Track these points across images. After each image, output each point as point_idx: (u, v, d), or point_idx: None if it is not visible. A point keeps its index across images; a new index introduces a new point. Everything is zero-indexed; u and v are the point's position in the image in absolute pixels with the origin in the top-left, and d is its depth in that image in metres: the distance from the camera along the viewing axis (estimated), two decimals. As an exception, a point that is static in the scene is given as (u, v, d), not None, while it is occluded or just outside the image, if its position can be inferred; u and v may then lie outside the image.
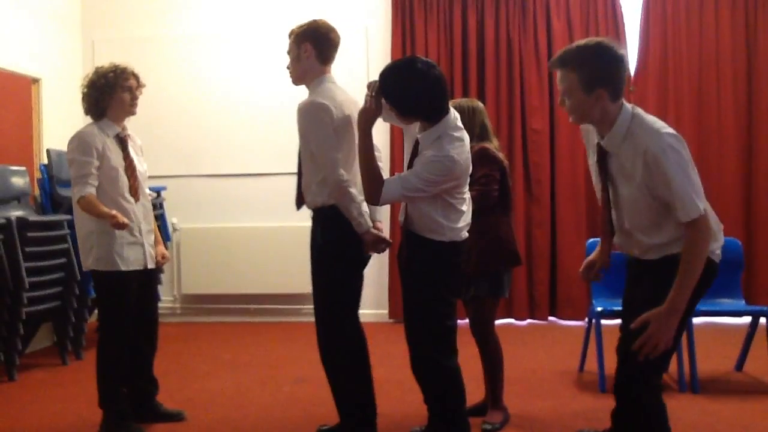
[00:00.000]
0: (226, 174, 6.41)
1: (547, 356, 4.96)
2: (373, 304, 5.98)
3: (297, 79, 3.29)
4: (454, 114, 2.93)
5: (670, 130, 2.46)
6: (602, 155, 2.65)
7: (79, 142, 3.47)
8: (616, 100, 2.50)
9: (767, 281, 5.96)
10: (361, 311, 3.41)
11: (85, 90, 3.61)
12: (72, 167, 3.46)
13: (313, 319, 3.38)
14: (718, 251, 2.59)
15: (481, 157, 3.48)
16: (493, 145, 3.66)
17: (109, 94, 3.58)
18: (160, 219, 5.99)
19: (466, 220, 3.01)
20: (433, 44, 6.20)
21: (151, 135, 6.38)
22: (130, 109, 3.68)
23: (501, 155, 3.65)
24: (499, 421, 3.55)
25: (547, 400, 3.93)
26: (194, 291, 6.37)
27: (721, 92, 6.06)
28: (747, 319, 4.41)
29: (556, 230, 6.14)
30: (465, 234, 3.00)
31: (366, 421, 3.24)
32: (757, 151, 6.02)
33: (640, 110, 2.55)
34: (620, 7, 6.13)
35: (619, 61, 2.51)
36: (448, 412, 3.05)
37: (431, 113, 2.87)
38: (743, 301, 4.47)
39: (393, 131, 6.02)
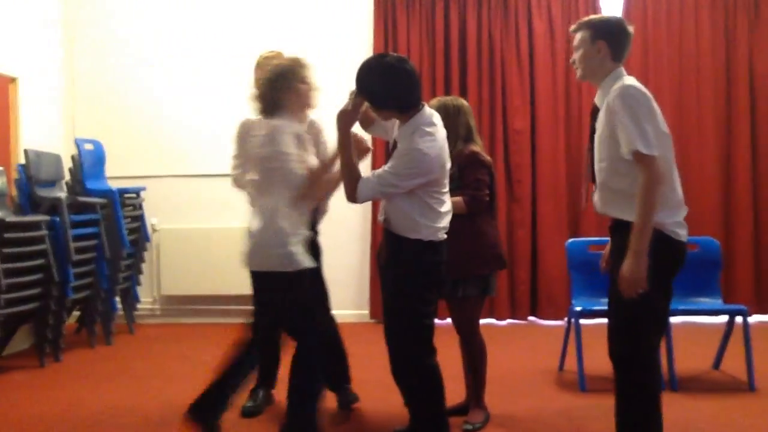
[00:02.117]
0: (207, 174, 6.36)
1: (528, 356, 4.98)
2: (354, 304, 5.98)
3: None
4: (429, 111, 2.99)
5: (637, 85, 2.71)
6: (593, 113, 2.84)
7: None
8: (616, 61, 2.79)
9: (745, 280, 6.04)
10: (341, 311, 3.41)
11: None
12: None
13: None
14: (680, 231, 2.71)
15: (472, 161, 3.53)
16: (479, 146, 3.68)
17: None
18: (139, 220, 5.96)
19: (445, 221, 3.02)
20: (415, 44, 6.21)
21: (131, 134, 6.39)
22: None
23: (488, 158, 3.67)
24: (480, 421, 3.55)
25: (527, 399, 3.95)
26: (174, 292, 6.33)
27: (700, 93, 6.12)
28: (725, 318, 4.45)
29: (537, 230, 6.17)
30: (443, 235, 3.01)
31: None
32: (736, 151, 6.09)
33: (633, 78, 2.77)
34: (600, 9, 6.17)
35: (625, 29, 2.82)
36: (428, 411, 3.05)
37: (403, 104, 2.94)
38: (721, 300, 4.51)
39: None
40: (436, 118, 3.00)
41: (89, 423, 3.72)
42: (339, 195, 3.89)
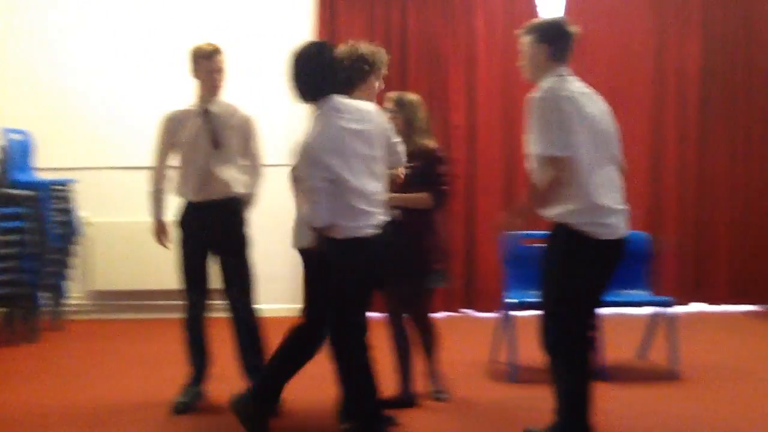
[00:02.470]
0: (140, 166, 6.19)
1: (462, 348, 5.03)
2: (287, 298, 5.93)
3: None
4: (337, 100, 3.02)
5: (553, 87, 2.91)
6: None
7: None
8: (558, 61, 3.00)
9: (671, 273, 6.25)
10: (274, 306, 3.42)
11: None
12: None
13: (223, 314, 3.44)
14: (599, 230, 2.88)
15: (435, 157, 3.73)
16: (434, 140, 3.86)
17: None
18: (69, 213, 5.79)
19: (368, 217, 2.99)
20: (355, 38, 6.18)
21: (62, 125, 6.20)
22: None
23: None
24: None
25: (460, 390, 3.99)
26: (107, 287, 6.16)
27: (633, 92, 6.31)
28: (652, 310, 4.59)
29: (473, 224, 6.25)
30: (369, 231, 3.00)
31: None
32: (665, 149, 6.30)
33: (569, 78, 3.00)
34: (536, 5, 6.26)
35: (566, 30, 3.07)
36: (361, 405, 3.07)
37: (303, 92, 3.06)
38: (649, 292, 4.64)
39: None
40: (341, 105, 3.02)
41: (11, 424, 3.60)
42: (271, 188, 3.89)
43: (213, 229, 3.72)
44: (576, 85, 3.00)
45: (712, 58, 6.32)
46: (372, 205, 3.01)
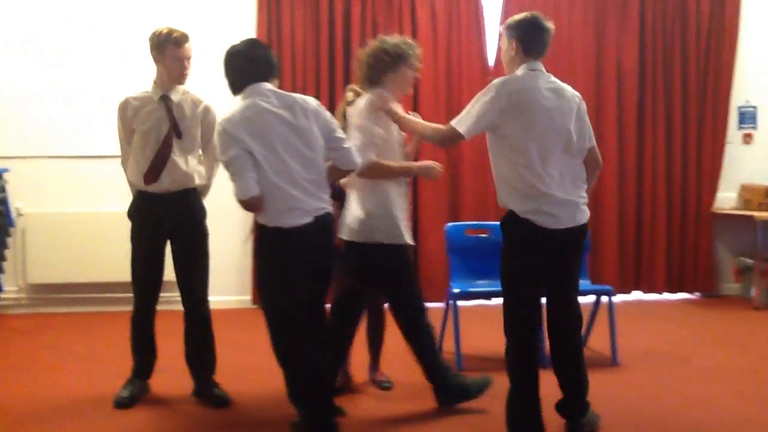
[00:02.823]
0: (77, 155, 6.06)
1: (408, 338, 5.06)
2: (236, 290, 5.89)
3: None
4: (265, 87, 3.03)
5: (506, 79, 3.09)
6: None
7: None
8: (528, 55, 3.13)
9: (610, 263, 6.41)
10: (222, 298, 3.39)
11: None
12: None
13: (172, 307, 3.38)
14: (538, 218, 3.02)
15: None
16: None
17: None
18: (3, 204, 5.60)
19: (300, 205, 2.97)
20: (299, 31, 6.13)
21: (-7, 112, 5.99)
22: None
23: None
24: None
25: (407, 379, 4.02)
26: (42, 280, 5.98)
27: (571, 81, 6.36)
28: (592, 298, 4.69)
29: (418, 215, 6.28)
30: (302, 220, 2.96)
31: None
32: (604, 141, 6.41)
33: (539, 73, 3.13)
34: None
35: (531, 25, 3.17)
36: (304, 402, 3.05)
37: (231, 85, 3.12)
38: (589, 282, 4.74)
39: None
40: (277, 92, 3.04)
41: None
42: (220, 180, 3.80)
43: (170, 221, 3.61)
44: (542, 81, 3.10)
45: (650, 51, 6.47)
46: (300, 190, 2.97)
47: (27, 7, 6.03)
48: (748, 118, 6.72)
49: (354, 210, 3.42)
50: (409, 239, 3.51)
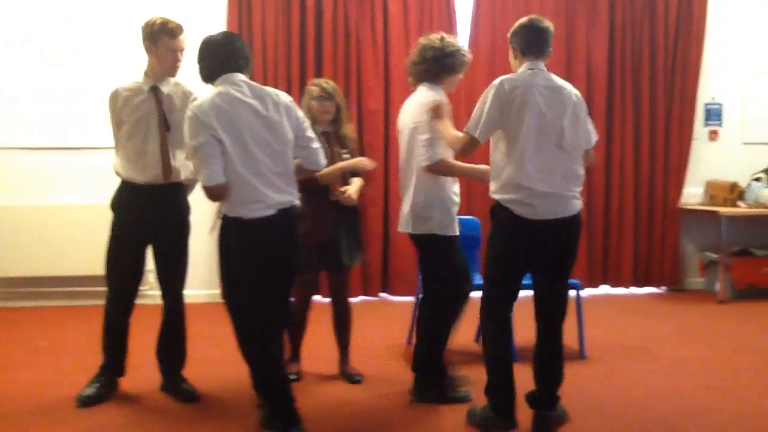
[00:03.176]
0: (46, 147, 5.97)
1: (378, 331, 5.09)
2: (206, 284, 5.84)
3: None
4: (238, 77, 3.02)
5: (502, 79, 3.22)
6: None
7: None
8: (526, 56, 3.29)
9: (579, 256, 6.41)
10: (193, 292, 3.37)
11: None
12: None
13: (142, 300, 3.35)
14: (517, 207, 3.16)
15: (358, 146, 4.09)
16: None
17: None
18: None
19: (264, 198, 2.95)
20: (270, 24, 6.09)
21: (-43, 103, 5.87)
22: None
23: None
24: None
25: (376, 373, 4.04)
26: (10, 274, 5.88)
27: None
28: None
29: (389, 208, 6.29)
30: (265, 213, 2.95)
31: None
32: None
33: (538, 72, 3.26)
34: (454, -9, 6.35)
35: (525, 29, 3.32)
36: (266, 391, 3.05)
37: (204, 73, 3.11)
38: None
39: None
40: (250, 84, 3.04)
41: None
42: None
43: (155, 215, 3.54)
44: (540, 79, 3.23)
45: (619, 48, 6.54)
46: (265, 182, 2.95)
47: (-8, -5, 5.93)
48: (713, 115, 6.84)
49: (411, 202, 3.58)
50: (458, 231, 3.64)
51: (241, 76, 3.04)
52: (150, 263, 3.66)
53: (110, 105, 3.57)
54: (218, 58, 3.05)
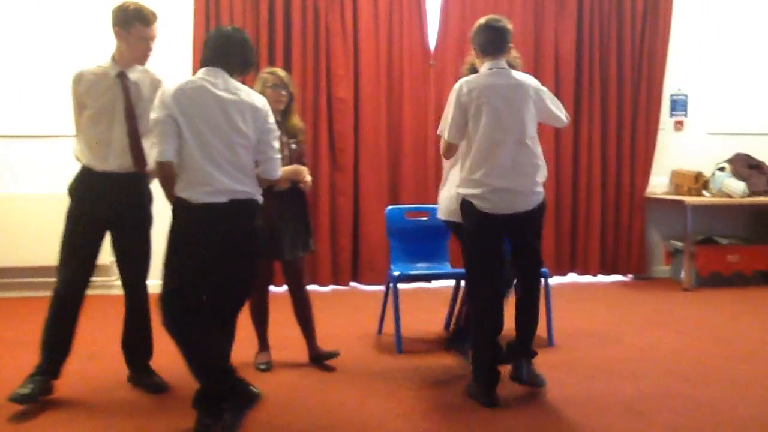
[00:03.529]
0: (6, 135, 5.85)
1: (349, 320, 5.08)
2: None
3: None
4: (214, 71, 3.04)
5: (462, 81, 3.45)
6: None
7: None
8: (485, 56, 3.49)
9: (546, 246, 6.49)
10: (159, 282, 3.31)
11: None
12: None
13: (104, 291, 3.28)
14: (482, 204, 3.40)
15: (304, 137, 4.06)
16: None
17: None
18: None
19: (215, 183, 2.94)
20: (238, 11, 6.01)
21: None
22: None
23: None
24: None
25: (347, 362, 4.03)
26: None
27: (511, 69, 6.46)
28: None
29: (359, 198, 6.28)
30: (213, 199, 2.94)
31: None
32: (542, 129, 6.47)
33: (497, 71, 3.46)
34: (422, -17, 6.33)
35: (482, 29, 3.50)
36: (199, 380, 3.00)
37: (203, 58, 3.14)
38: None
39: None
40: (226, 80, 3.04)
41: None
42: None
43: (115, 204, 3.44)
44: (501, 78, 3.44)
45: (587, 39, 6.58)
46: (218, 169, 2.94)
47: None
48: (679, 105, 6.93)
49: (450, 190, 3.79)
50: None
51: (218, 71, 3.03)
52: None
53: (73, 87, 3.44)
54: (211, 51, 3.08)
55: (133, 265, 3.56)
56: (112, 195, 3.43)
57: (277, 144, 3.16)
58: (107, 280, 5.43)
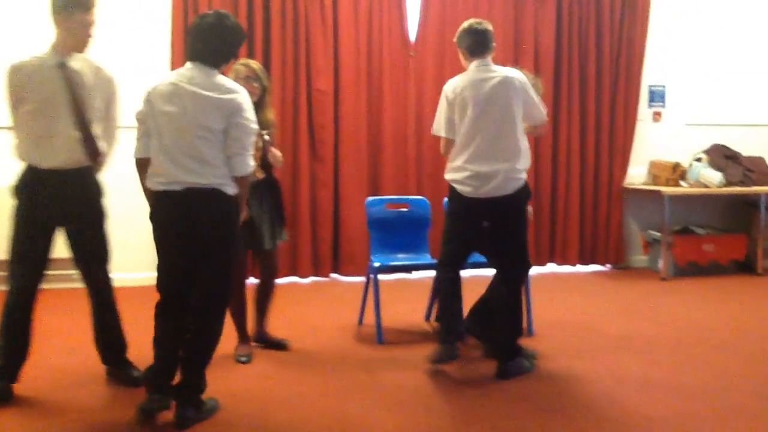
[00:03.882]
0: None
1: (330, 312, 5.08)
2: (145, 265, 5.71)
3: None
4: (189, 65, 3.07)
5: (450, 82, 3.79)
6: None
7: None
8: (472, 56, 3.75)
9: (529, 237, 6.54)
10: (135, 274, 3.31)
11: None
12: None
13: (78, 285, 3.27)
14: (462, 188, 3.69)
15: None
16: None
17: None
18: None
19: (162, 173, 3.00)
20: (216, 1, 5.96)
21: None
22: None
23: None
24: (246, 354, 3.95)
25: (329, 353, 4.04)
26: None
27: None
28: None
29: (339, 189, 6.27)
30: (168, 187, 2.98)
31: None
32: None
33: (483, 67, 3.72)
34: (402, -27, 6.31)
35: (466, 32, 3.75)
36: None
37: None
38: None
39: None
40: (197, 73, 3.05)
41: None
42: (125, 152, 3.59)
43: (66, 200, 3.31)
44: (487, 73, 3.69)
45: (566, 31, 6.61)
46: (170, 161, 2.98)
47: None
48: (657, 96, 6.98)
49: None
50: None
51: (200, 67, 3.03)
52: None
53: (8, 80, 3.26)
54: (188, 43, 3.15)
55: (91, 261, 3.46)
56: (61, 192, 3.29)
57: (249, 140, 3.10)
58: (71, 274, 5.39)
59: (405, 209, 4.77)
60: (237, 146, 3.06)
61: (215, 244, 3.06)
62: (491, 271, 3.91)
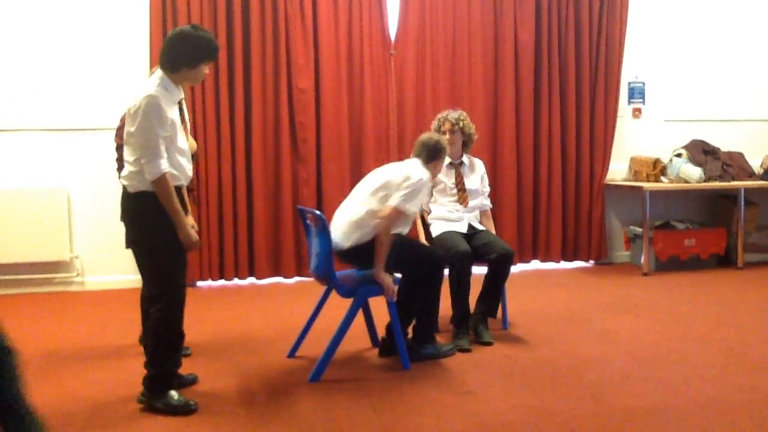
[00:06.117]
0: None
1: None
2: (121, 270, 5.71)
3: None
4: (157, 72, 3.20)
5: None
6: None
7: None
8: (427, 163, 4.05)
9: (510, 232, 6.58)
10: (127, 276, 3.27)
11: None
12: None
13: (66, 288, 3.24)
14: None
15: None
16: None
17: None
18: None
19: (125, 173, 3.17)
20: (195, 9, 5.93)
21: None
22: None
23: None
24: None
25: (313, 351, 4.03)
26: None
27: (471, 59, 6.50)
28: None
29: (322, 188, 6.26)
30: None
31: None
32: (501, 112, 6.58)
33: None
34: (381, -30, 6.31)
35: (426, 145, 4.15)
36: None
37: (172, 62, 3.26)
38: None
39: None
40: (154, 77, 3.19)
41: None
42: (99, 154, 3.63)
43: None
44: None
45: (546, 27, 6.64)
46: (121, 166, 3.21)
47: None
48: (637, 93, 7.04)
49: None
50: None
51: (157, 72, 3.18)
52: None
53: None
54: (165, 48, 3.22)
55: None
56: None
57: (149, 143, 3.06)
58: (67, 277, 5.37)
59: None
60: (134, 153, 3.23)
61: (139, 243, 3.27)
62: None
